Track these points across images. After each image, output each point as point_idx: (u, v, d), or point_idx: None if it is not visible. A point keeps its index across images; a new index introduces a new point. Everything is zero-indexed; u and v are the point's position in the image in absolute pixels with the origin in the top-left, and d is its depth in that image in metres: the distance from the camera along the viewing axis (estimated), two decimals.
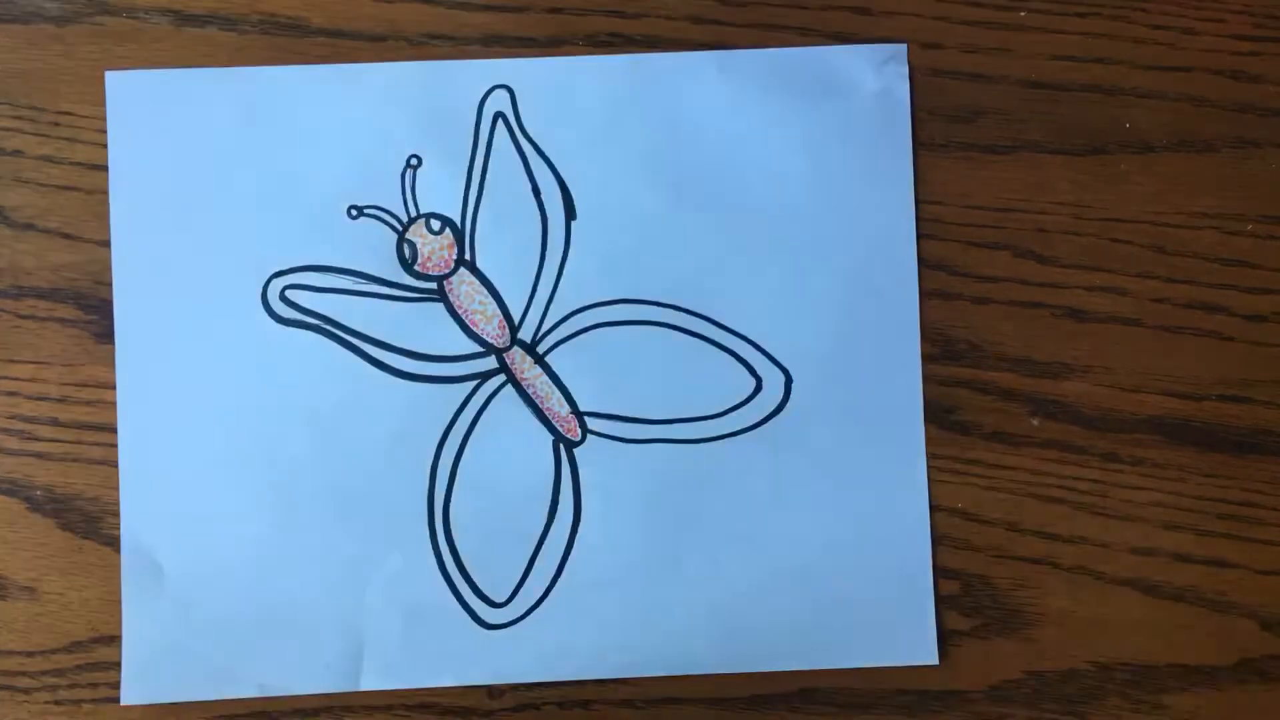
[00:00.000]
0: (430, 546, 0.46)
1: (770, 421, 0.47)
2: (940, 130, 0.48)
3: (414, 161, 0.47)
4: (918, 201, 0.47)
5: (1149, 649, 0.47)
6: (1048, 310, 0.48)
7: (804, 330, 0.47)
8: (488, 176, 0.47)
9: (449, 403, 0.47)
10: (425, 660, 0.46)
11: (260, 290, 0.47)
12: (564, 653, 0.46)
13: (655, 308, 0.47)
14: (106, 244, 0.46)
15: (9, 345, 0.46)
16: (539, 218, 0.47)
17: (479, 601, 0.46)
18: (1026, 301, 0.48)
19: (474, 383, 0.47)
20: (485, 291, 0.47)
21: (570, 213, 0.47)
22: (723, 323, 0.47)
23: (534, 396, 0.47)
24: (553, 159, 0.47)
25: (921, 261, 0.47)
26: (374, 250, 0.47)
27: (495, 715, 0.46)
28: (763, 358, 0.47)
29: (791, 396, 0.47)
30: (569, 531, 0.46)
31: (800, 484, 0.46)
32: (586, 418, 0.47)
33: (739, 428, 0.47)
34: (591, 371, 0.47)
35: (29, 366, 0.46)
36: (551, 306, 0.47)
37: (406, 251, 0.47)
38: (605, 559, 0.46)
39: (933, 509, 0.47)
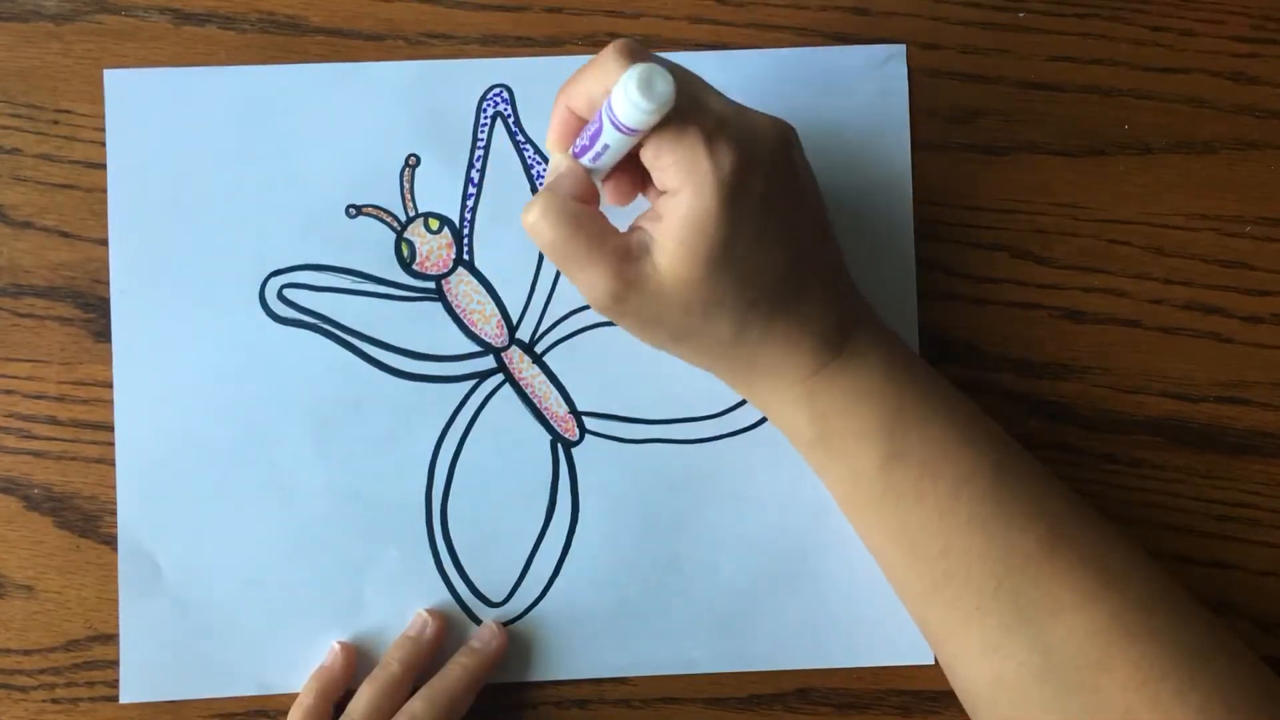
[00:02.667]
0: (428, 545, 0.46)
1: (769, 422, 0.47)
2: (938, 131, 0.48)
3: (412, 161, 0.47)
4: (915, 202, 0.47)
5: None
6: (1046, 311, 0.48)
7: None
8: (486, 176, 0.47)
9: (447, 402, 0.47)
10: None
11: (258, 289, 0.47)
12: (561, 652, 0.46)
13: None
14: (105, 242, 0.46)
15: (7, 344, 0.46)
16: None
17: (476, 601, 0.46)
18: (1024, 302, 0.48)
19: (472, 382, 0.47)
20: (484, 291, 0.47)
21: None
22: None
23: (532, 396, 0.47)
24: None
25: (919, 262, 0.47)
26: (372, 249, 0.47)
27: (492, 715, 0.46)
28: None
29: None
30: (566, 531, 0.46)
31: (797, 484, 0.46)
32: (584, 417, 0.47)
33: (737, 428, 0.47)
34: (589, 371, 0.47)
35: (27, 365, 0.46)
36: (550, 306, 0.47)
37: (405, 251, 0.47)
38: (603, 559, 0.46)
39: None
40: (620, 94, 0.35)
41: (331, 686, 0.44)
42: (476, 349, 0.47)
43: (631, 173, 0.40)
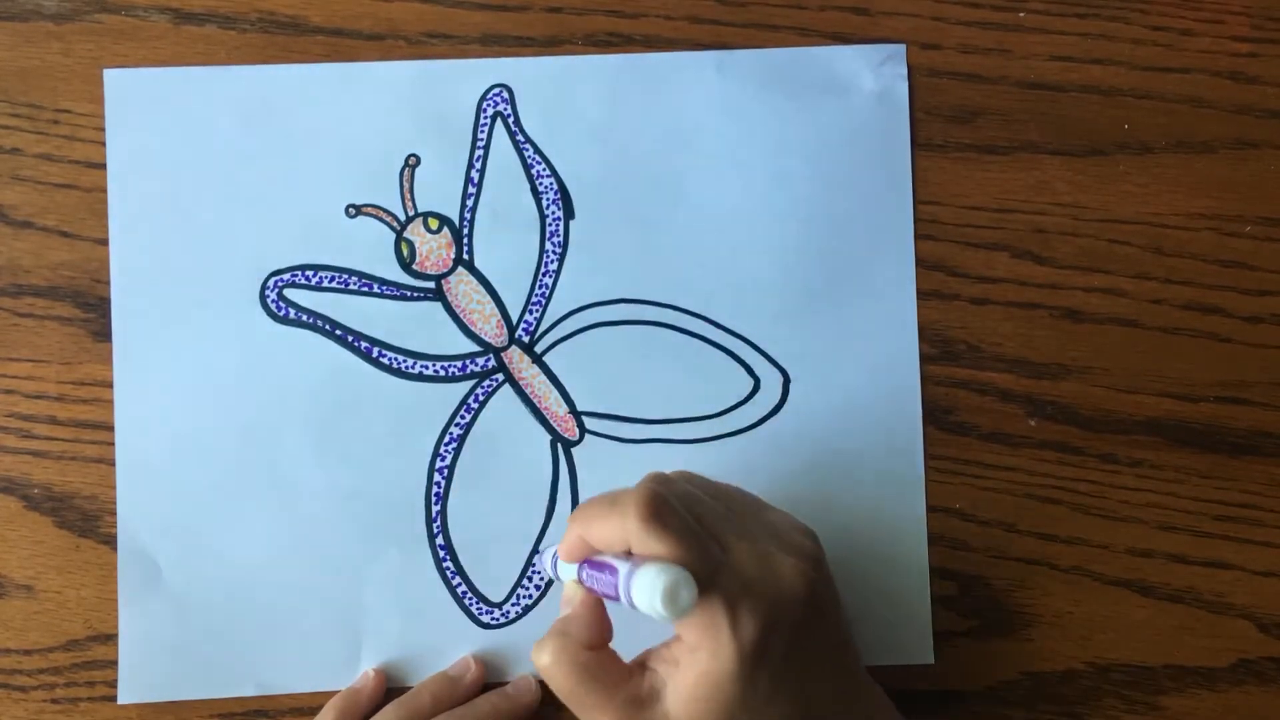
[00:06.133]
0: (428, 546, 0.46)
1: (768, 422, 0.47)
2: (938, 131, 0.48)
3: (412, 160, 0.47)
4: (916, 202, 0.47)
5: (1146, 650, 0.47)
6: (1045, 311, 0.48)
7: (802, 331, 0.47)
8: (486, 176, 0.47)
9: (447, 402, 0.47)
10: (422, 659, 0.46)
11: (258, 289, 0.47)
12: None
13: (653, 307, 0.47)
14: (104, 242, 0.46)
15: (7, 343, 0.46)
16: (537, 217, 0.47)
17: (476, 601, 0.46)
18: (1024, 302, 0.48)
19: (472, 382, 0.47)
20: (483, 291, 0.47)
21: (568, 212, 0.47)
22: (721, 323, 0.47)
23: (532, 396, 0.47)
24: (551, 158, 0.47)
25: (919, 262, 0.47)
26: (372, 249, 0.47)
27: None
28: (761, 358, 0.47)
29: (789, 397, 0.47)
30: None
31: (797, 485, 0.46)
32: (584, 417, 0.47)
33: (737, 428, 0.47)
34: (589, 371, 0.47)
35: (27, 365, 0.46)
36: (549, 306, 0.47)
37: (404, 250, 0.47)
38: None
39: (930, 509, 0.47)
40: (645, 598, 0.34)
41: (353, 712, 0.44)
42: (476, 349, 0.47)
43: None
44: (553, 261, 0.47)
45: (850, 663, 0.41)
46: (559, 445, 0.47)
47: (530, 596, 0.46)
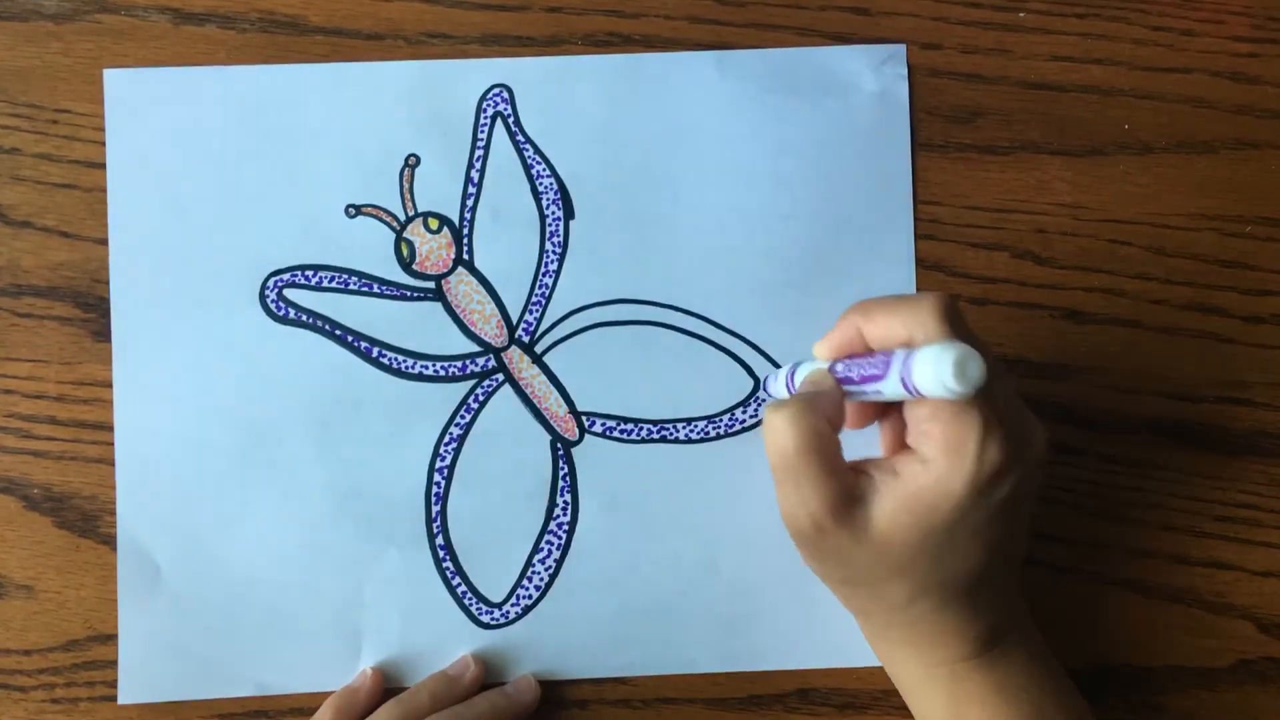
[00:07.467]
0: (427, 546, 0.46)
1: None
2: (939, 131, 0.48)
3: (412, 160, 0.47)
4: (916, 202, 0.47)
5: (1146, 650, 0.47)
6: (1046, 311, 0.48)
7: (802, 331, 0.47)
8: (486, 176, 0.47)
9: (447, 402, 0.47)
10: (422, 659, 0.46)
11: (258, 289, 0.47)
12: (560, 652, 0.46)
13: (653, 308, 0.47)
14: (104, 242, 0.46)
15: (7, 343, 0.46)
16: (537, 217, 0.47)
17: (476, 601, 0.46)
18: (1024, 302, 0.48)
19: (472, 382, 0.47)
20: (483, 291, 0.47)
21: (568, 212, 0.47)
22: (720, 323, 0.47)
23: (532, 396, 0.47)
24: (551, 158, 0.47)
25: (919, 262, 0.47)
26: (372, 249, 0.47)
27: None
28: (760, 358, 0.47)
29: None
30: (566, 531, 0.46)
31: None
32: (584, 417, 0.47)
33: (737, 428, 0.47)
34: (589, 371, 0.47)
35: (26, 365, 0.46)
36: (549, 306, 0.47)
37: (404, 250, 0.47)
38: (602, 559, 0.46)
39: None
40: (929, 369, 0.33)
41: (351, 710, 0.44)
42: (476, 349, 0.47)
43: (878, 405, 0.39)
44: (553, 261, 0.47)
45: (1019, 570, 0.41)
46: (559, 445, 0.47)
47: (530, 596, 0.46)
